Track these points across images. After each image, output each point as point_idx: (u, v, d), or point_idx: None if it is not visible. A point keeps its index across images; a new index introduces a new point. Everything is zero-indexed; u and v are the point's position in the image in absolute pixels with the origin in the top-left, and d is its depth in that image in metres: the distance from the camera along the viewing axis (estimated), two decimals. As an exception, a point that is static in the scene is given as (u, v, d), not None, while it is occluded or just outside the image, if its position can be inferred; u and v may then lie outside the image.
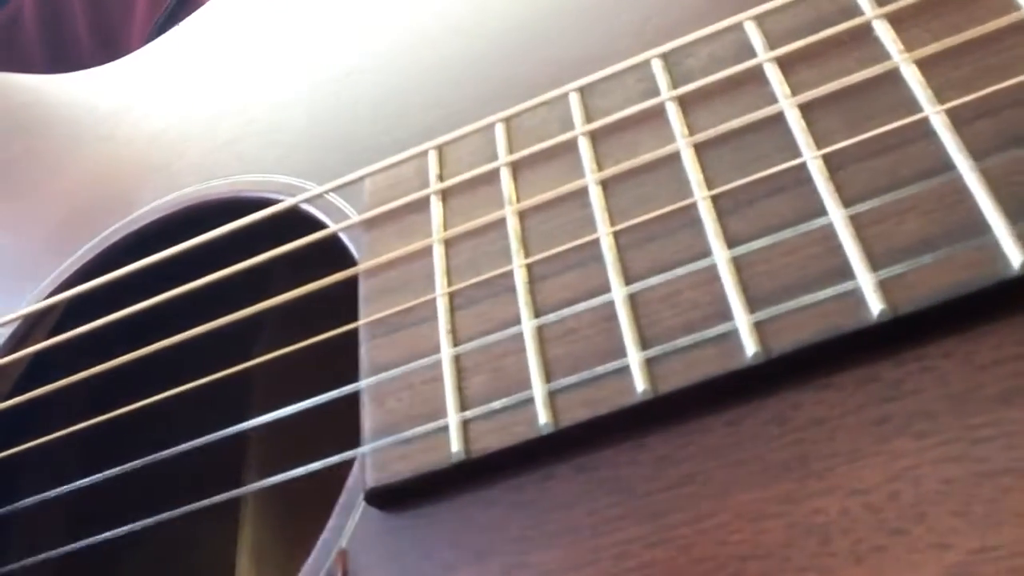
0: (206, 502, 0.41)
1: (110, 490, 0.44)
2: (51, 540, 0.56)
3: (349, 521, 0.35)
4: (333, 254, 0.43)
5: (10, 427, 0.50)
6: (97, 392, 0.47)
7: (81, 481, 0.44)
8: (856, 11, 0.36)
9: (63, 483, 0.47)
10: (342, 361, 0.39)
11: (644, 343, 0.32)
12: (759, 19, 0.38)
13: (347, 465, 0.37)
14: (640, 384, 0.31)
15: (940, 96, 0.32)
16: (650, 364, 0.32)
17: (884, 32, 0.34)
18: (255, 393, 0.55)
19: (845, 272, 0.30)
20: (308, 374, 0.41)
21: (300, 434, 0.41)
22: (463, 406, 0.34)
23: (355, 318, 0.39)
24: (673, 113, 0.37)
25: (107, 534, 0.44)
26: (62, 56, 0.76)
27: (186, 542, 0.53)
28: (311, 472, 0.37)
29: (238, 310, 0.43)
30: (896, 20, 0.35)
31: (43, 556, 0.47)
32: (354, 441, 0.37)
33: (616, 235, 0.35)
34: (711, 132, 0.35)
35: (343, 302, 0.40)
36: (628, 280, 0.34)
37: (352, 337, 0.39)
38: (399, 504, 0.34)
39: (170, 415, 0.42)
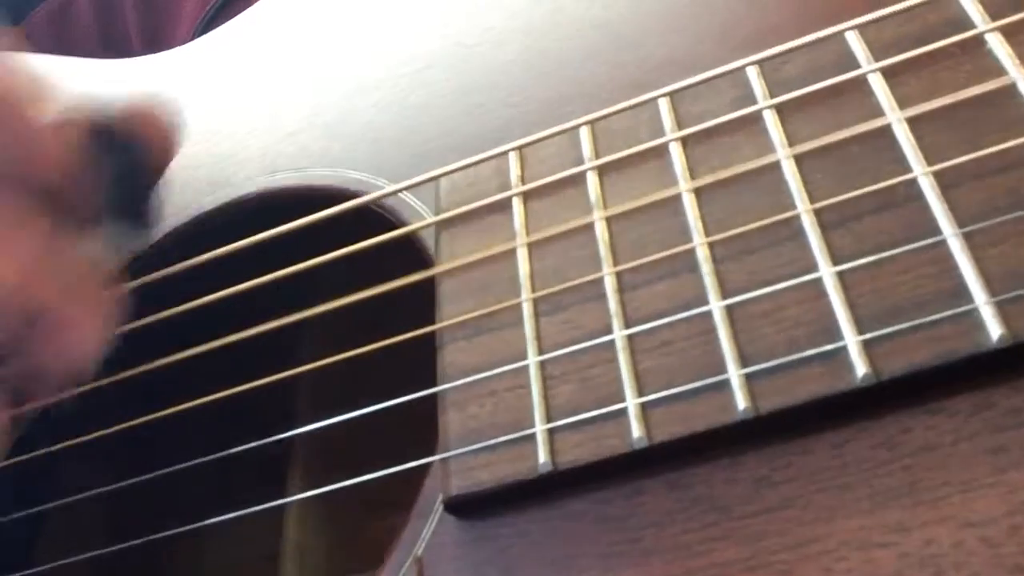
0: (256, 508, 0.40)
1: (152, 484, 0.43)
2: (92, 534, 0.55)
3: (426, 528, 0.34)
4: (387, 250, 0.42)
5: (55, 420, 0.49)
6: (143, 385, 0.46)
7: (127, 481, 0.44)
8: (967, 24, 0.34)
9: (104, 474, 0.46)
10: (385, 361, 0.38)
11: (744, 359, 0.31)
12: (861, 29, 0.37)
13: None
14: (741, 402, 0.30)
15: (1062, 114, 0.31)
16: (751, 381, 0.30)
17: (998, 46, 0.33)
18: (300, 385, 0.54)
19: (961, 294, 0.29)
20: (354, 372, 0.40)
21: (343, 433, 0.41)
22: (550, 416, 0.33)
23: (399, 319, 0.38)
24: (771, 122, 0.36)
25: (150, 537, 0.43)
26: (112, 51, 0.75)
27: (228, 539, 0.53)
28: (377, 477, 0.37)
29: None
30: (1011, 33, 0.34)
31: (88, 555, 0.46)
32: (402, 442, 0.37)
33: (712, 246, 0.34)
34: (814, 143, 0.34)
35: (385, 301, 0.39)
36: (726, 293, 0.32)
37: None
38: (479, 513, 0.33)
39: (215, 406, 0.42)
